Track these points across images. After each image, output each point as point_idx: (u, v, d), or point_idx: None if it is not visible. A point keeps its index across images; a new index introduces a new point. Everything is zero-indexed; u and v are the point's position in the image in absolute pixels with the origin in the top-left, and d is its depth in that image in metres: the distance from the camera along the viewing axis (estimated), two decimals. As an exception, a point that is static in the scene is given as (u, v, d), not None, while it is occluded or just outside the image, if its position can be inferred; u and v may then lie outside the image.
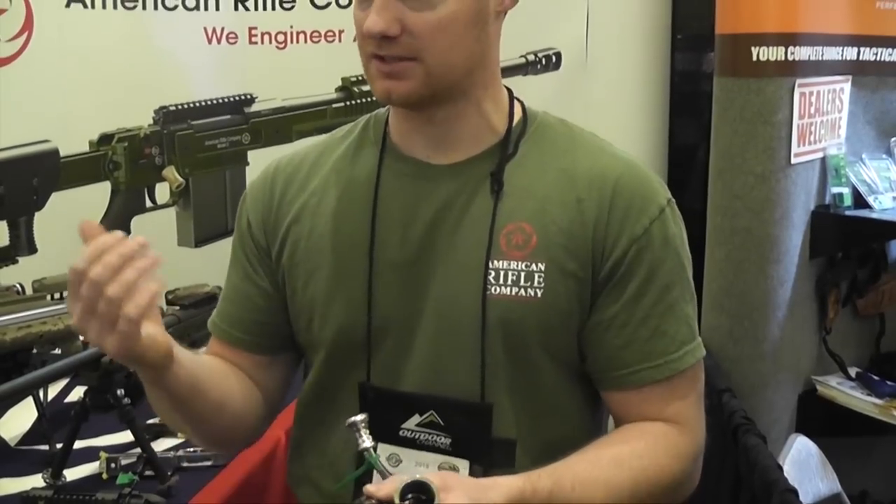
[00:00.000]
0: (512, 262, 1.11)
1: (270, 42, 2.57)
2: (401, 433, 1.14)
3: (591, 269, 1.12)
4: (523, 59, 2.49)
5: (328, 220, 1.17)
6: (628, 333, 1.12)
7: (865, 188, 2.21)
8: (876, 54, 2.25)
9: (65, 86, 2.57)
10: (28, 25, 2.56)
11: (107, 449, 1.62)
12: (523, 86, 1.22)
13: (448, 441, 1.13)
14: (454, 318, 1.12)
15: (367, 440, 1.04)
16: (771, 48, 2.05)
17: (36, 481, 1.53)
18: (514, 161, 1.15)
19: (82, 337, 1.86)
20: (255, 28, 2.57)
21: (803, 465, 1.96)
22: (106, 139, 2.55)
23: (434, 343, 1.13)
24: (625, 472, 1.07)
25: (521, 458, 1.12)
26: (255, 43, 2.57)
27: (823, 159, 2.21)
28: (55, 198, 2.56)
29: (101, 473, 1.56)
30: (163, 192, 2.61)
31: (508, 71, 1.19)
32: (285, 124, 2.57)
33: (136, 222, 2.60)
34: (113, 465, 1.56)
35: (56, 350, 1.86)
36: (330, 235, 1.17)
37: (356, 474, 1.09)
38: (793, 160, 2.10)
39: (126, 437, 1.63)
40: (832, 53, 2.17)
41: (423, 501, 0.92)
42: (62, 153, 2.54)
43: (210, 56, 2.57)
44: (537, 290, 1.10)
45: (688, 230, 1.19)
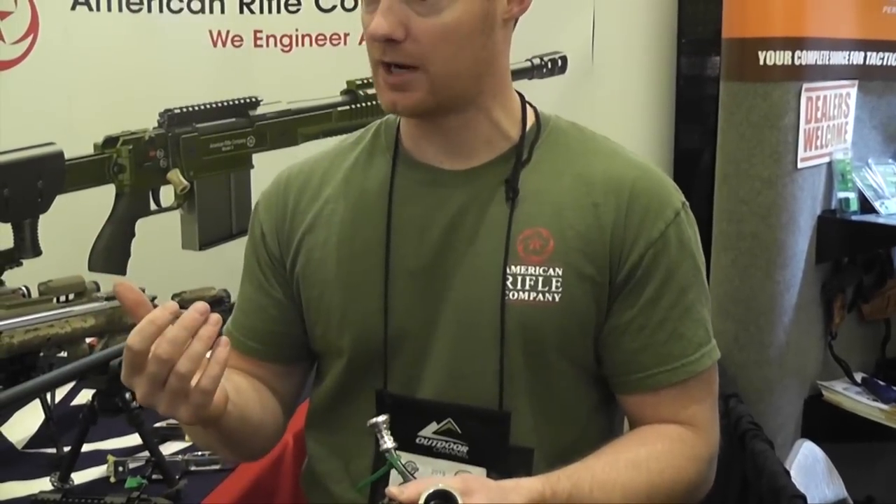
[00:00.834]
0: (530, 267, 1.11)
1: (275, 45, 2.56)
2: (417, 441, 1.13)
3: (608, 272, 1.12)
4: (529, 63, 2.49)
5: (343, 229, 1.17)
6: (645, 337, 1.12)
7: (872, 193, 2.21)
8: (882, 59, 2.25)
9: (70, 88, 2.57)
10: (33, 28, 2.56)
11: (115, 452, 1.62)
12: (529, 90, 1.21)
13: (465, 449, 1.12)
14: (472, 325, 1.12)
15: (388, 441, 1.04)
16: (778, 52, 2.05)
17: (44, 485, 1.53)
18: (528, 166, 1.14)
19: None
20: (261, 31, 2.56)
21: (810, 470, 1.96)
22: (110, 142, 2.55)
23: (452, 350, 1.13)
24: (642, 475, 1.07)
25: (538, 465, 1.11)
26: (261, 46, 2.57)
27: (830, 164, 2.21)
28: (60, 200, 2.56)
29: (109, 477, 1.56)
30: (167, 194, 2.61)
31: (514, 75, 1.19)
32: (290, 127, 2.57)
33: (141, 225, 2.60)
34: (121, 469, 1.56)
35: (63, 353, 1.86)
36: (345, 244, 1.16)
37: (378, 475, 1.09)
38: (799, 165, 2.10)
39: (134, 440, 1.62)
40: (839, 58, 2.17)
41: None
42: (67, 156, 2.54)
43: (215, 59, 2.57)
44: (555, 295, 1.10)
45: (694, 235, 1.19)
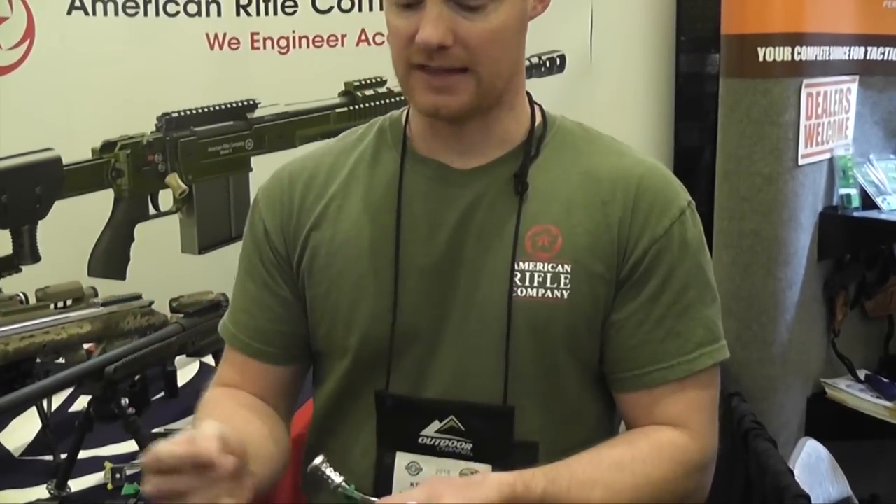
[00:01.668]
0: (538, 264, 1.10)
1: (273, 47, 2.55)
2: (420, 440, 1.13)
3: (615, 268, 1.12)
4: (528, 62, 2.46)
5: (350, 226, 1.16)
6: (643, 333, 1.12)
7: (873, 189, 2.20)
8: (883, 54, 2.24)
9: (67, 93, 2.57)
10: (30, 33, 2.55)
11: (112, 459, 1.61)
12: (528, 88, 1.21)
13: (469, 446, 1.12)
14: (480, 322, 1.11)
15: (336, 478, 1.03)
16: (777, 48, 2.04)
17: (40, 492, 1.52)
18: (536, 164, 1.15)
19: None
20: (258, 33, 2.55)
21: (813, 468, 1.95)
22: (109, 146, 2.54)
23: (459, 347, 1.12)
24: (626, 476, 1.06)
25: (543, 461, 1.10)
26: (258, 48, 2.56)
27: (831, 160, 2.20)
28: (58, 206, 2.56)
29: (106, 484, 1.56)
30: (166, 198, 2.60)
31: (513, 74, 1.18)
32: (288, 130, 2.56)
33: (140, 229, 2.59)
34: (118, 476, 1.55)
35: (60, 359, 1.85)
36: (353, 241, 1.15)
37: None
38: (800, 161, 2.09)
39: (131, 446, 1.61)
40: (839, 53, 2.16)
41: None
42: (65, 161, 2.53)
43: (212, 62, 2.56)
44: (564, 292, 1.10)
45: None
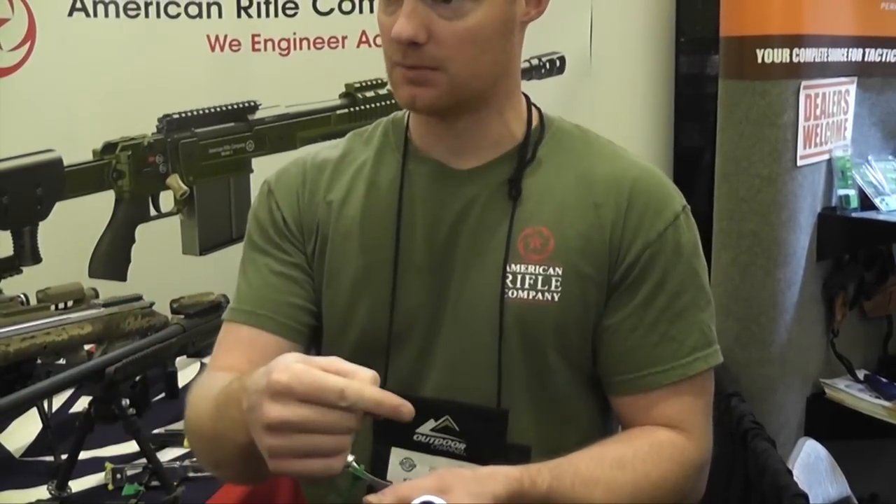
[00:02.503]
0: (530, 266, 1.11)
1: (273, 49, 2.56)
2: (415, 438, 1.13)
3: (606, 272, 1.12)
4: (527, 64, 2.48)
5: (352, 224, 1.17)
6: (637, 338, 1.12)
7: (872, 190, 2.21)
8: (881, 55, 2.24)
9: (68, 95, 2.56)
10: (31, 35, 2.56)
11: (112, 459, 1.62)
12: (527, 90, 1.21)
13: (462, 446, 1.12)
14: (472, 322, 1.12)
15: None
16: (776, 50, 2.05)
17: (41, 493, 1.53)
18: (531, 166, 1.15)
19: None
20: (258, 35, 2.56)
21: (812, 468, 1.95)
22: (109, 148, 2.54)
23: (452, 347, 1.13)
24: (627, 475, 1.06)
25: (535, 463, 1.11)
26: (259, 50, 2.56)
27: (829, 161, 2.20)
28: (59, 207, 2.56)
29: (106, 484, 1.56)
30: (167, 200, 2.60)
31: (514, 76, 1.19)
32: (289, 131, 2.57)
33: (141, 231, 2.60)
34: (119, 476, 1.56)
35: (60, 360, 1.86)
36: (354, 239, 1.17)
37: (347, 492, 1.04)
38: (799, 162, 2.09)
39: (131, 447, 1.62)
40: (837, 55, 2.16)
41: None
42: (66, 162, 2.53)
43: (213, 64, 2.56)
44: (554, 294, 1.11)
45: (694, 234, 1.18)
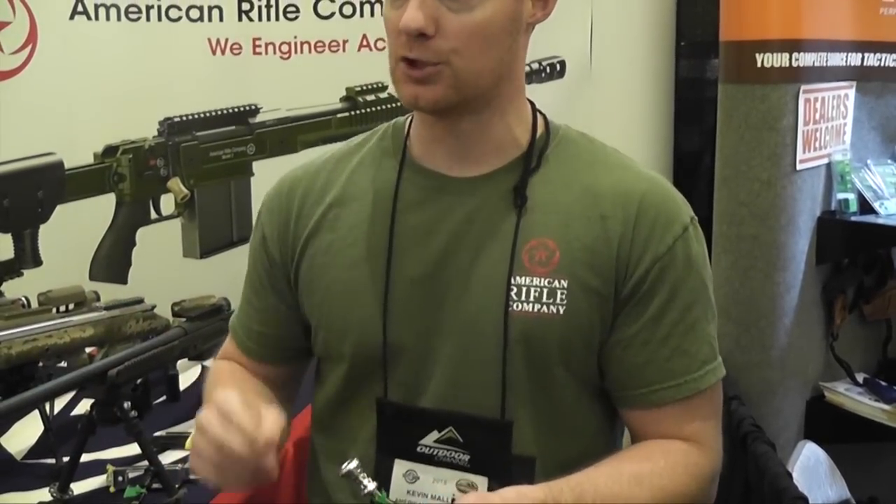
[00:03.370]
0: (535, 279, 1.09)
1: (274, 52, 2.57)
2: (419, 449, 1.13)
3: (613, 286, 1.10)
4: (528, 68, 2.46)
5: (346, 234, 1.16)
6: (649, 352, 1.11)
7: (871, 194, 2.21)
8: (880, 60, 2.25)
9: (69, 98, 2.57)
10: (32, 38, 2.56)
11: (114, 462, 1.62)
12: (528, 94, 1.20)
13: (466, 458, 1.12)
14: (476, 335, 1.11)
15: (369, 484, 1.00)
16: (775, 55, 2.05)
17: (42, 495, 1.53)
18: (536, 175, 1.13)
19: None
20: (259, 39, 2.57)
21: (812, 471, 1.96)
22: (110, 151, 2.55)
23: (454, 359, 1.12)
24: (644, 491, 1.06)
25: (539, 475, 1.11)
26: (260, 54, 2.57)
27: (829, 165, 2.21)
28: (60, 210, 2.56)
29: (108, 487, 1.56)
30: (168, 203, 2.61)
31: (514, 80, 1.18)
32: (290, 135, 2.58)
33: (142, 234, 2.60)
34: (120, 479, 1.56)
35: (62, 363, 1.86)
36: (348, 249, 1.15)
37: None
38: (798, 166, 2.10)
39: (133, 449, 1.62)
40: (836, 59, 2.17)
41: None
42: (67, 165, 2.54)
43: (214, 67, 2.57)
44: (560, 307, 1.09)
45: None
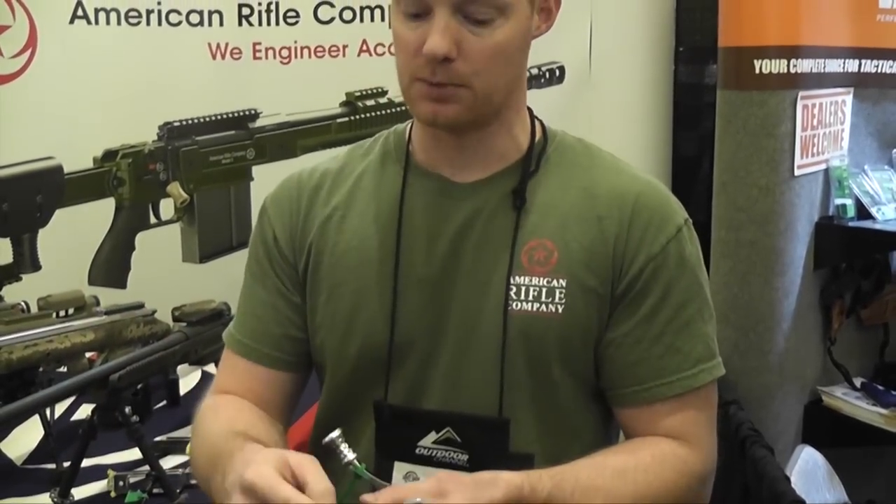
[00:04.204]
0: (534, 278, 1.11)
1: (274, 57, 2.57)
2: (417, 451, 1.13)
3: (610, 285, 1.12)
4: (528, 73, 2.49)
5: (352, 237, 1.17)
6: (642, 350, 1.12)
7: (868, 199, 2.22)
8: (877, 66, 2.26)
9: (69, 102, 2.58)
10: (32, 42, 2.57)
11: (115, 467, 1.63)
12: (528, 100, 1.22)
13: (465, 457, 1.12)
14: (475, 334, 1.12)
15: (349, 454, 1.00)
16: (773, 61, 2.06)
17: (43, 500, 1.53)
18: (535, 178, 1.15)
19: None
20: (259, 43, 2.57)
21: (810, 475, 1.96)
22: (110, 155, 2.55)
23: (455, 359, 1.13)
24: (628, 485, 1.06)
25: None
26: (259, 58, 2.57)
27: (826, 171, 2.21)
28: (59, 214, 2.57)
29: (109, 492, 1.57)
30: (167, 207, 2.61)
31: (513, 85, 1.19)
32: (290, 139, 2.58)
33: (141, 238, 2.61)
34: (121, 484, 1.56)
35: (62, 368, 1.86)
36: (354, 251, 1.16)
37: (347, 491, 1.04)
38: (796, 172, 2.10)
39: (134, 454, 1.63)
40: (834, 66, 2.18)
41: None
42: (66, 169, 2.54)
43: (214, 71, 2.58)
44: (558, 306, 1.11)
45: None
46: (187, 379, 2.07)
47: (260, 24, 2.56)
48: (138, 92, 2.56)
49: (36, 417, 1.74)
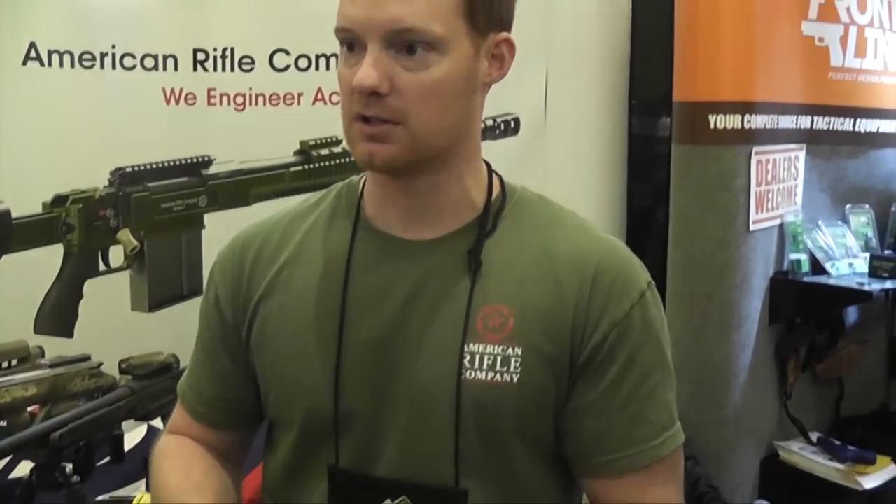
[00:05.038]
0: (488, 346, 1.07)
1: (229, 104, 2.55)
2: None
3: (569, 352, 1.08)
4: (483, 125, 2.48)
5: (299, 296, 1.14)
6: (608, 419, 1.09)
7: (822, 254, 2.24)
8: (829, 123, 2.30)
9: (19, 145, 2.53)
10: (-18, 83, 2.52)
11: (53, 529, 1.56)
12: (482, 150, 1.19)
13: None
14: (428, 402, 1.08)
15: None
16: (728, 116, 2.09)
17: (-23, 566, 1.47)
18: (492, 238, 1.11)
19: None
20: (214, 89, 2.55)
21: (767, 532, 1.96)
22: (60, 200, 2.50)
23: (407, 427, 1.09)
24: None
25: None
26: (214, 104, 2.55)
27: (781, 226, 2.24)
28: (6, 260, 2.50)
29: (47, 556, 1.51)
30: (117, 254, 2.56)
31: (469, 137, 1.16)
32: (243, 187, 2.55)
33: (89, 286, 2.55)
34: (59, 547, 1.50)
35: (2, 422, 1.80)
36: (300, 312, 1.13)
37: None
38: (751, 227, 2.12)
39: (73, 516, 1.56)
40: (787, 122, 2.21)
41: None
42: (14, 214, 2.49)
43: (168, 117, 2.55)
44: (514, 375, 1.07)
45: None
46: (132, 434, 2.00)
47: (215, 69, 2.54)
48: (90, 136, 2.52)
49: (-28, 475, 1.67)
